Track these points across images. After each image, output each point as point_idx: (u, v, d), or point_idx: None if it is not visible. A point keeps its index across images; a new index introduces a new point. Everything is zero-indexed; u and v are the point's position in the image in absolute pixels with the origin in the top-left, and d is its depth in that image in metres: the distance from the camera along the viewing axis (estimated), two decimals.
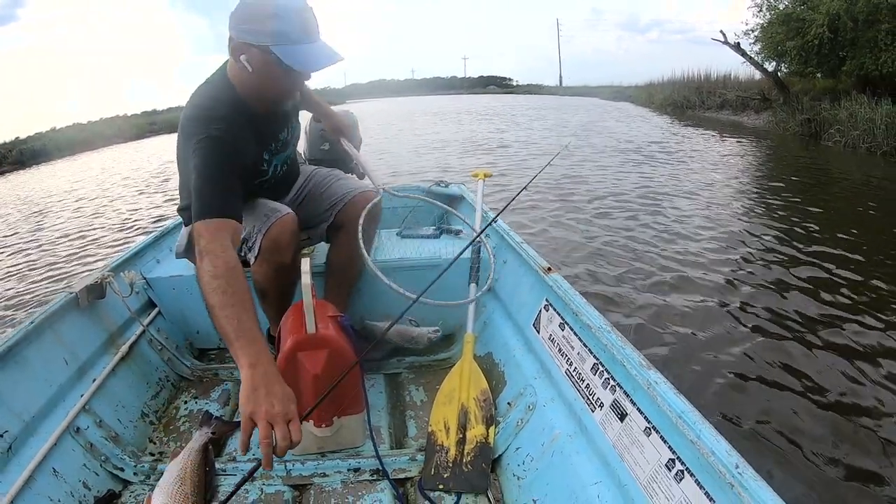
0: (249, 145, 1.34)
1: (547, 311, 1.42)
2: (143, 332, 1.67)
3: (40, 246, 5.76)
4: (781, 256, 3.72)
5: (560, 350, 1.30)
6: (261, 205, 1.42)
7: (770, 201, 5.39)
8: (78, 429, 1.27)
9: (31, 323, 1.33)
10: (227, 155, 1.22)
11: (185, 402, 1.61)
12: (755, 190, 6.20)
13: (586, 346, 1.20)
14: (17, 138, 19.07)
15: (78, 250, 5.33)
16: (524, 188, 1.90)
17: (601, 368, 1.13)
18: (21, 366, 1.26)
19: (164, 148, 15.09)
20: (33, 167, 15.90)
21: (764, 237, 4.17)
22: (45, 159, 16.65)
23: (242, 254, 1.40)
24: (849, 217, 4.83)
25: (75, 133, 20.58)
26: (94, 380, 1.41)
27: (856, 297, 3.00)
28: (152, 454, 1.40)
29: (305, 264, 1.18)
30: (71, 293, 1.49)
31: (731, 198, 5.63)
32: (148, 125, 23.48)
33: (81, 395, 1.34)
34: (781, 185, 6.25)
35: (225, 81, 1.30)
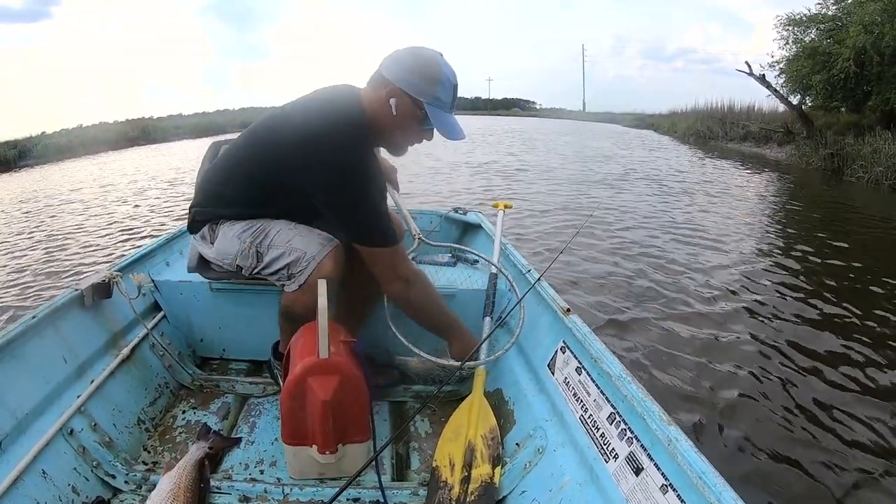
0: None
1: (563, 353, 1.40)
2: (147, 335, 1.66)
3: None
4: (801, 293, 3.71)
5: (575, 395, 1.28)
6: (310, 231, 1.41)
7: (792, 235, 5.46)
8: (72, 430, 1.26)
9: (34, 317, 1.32)
10: (378, 181, 1.37)
11: (184, 412, 1.60)
12: (777, 223, 6.24)
13: (603, 394, 1.18)
14: (43, 132, 19.25)
15: None
16: (561, 251, 1.97)
17: (618, 418, 1.11)
18: (19, 360, 1.25)
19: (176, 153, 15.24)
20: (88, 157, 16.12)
21: (784, 272, 4.17)
22: (72, 155, 16.85)
23: (278, 279, 1.40)
24: (871, 254, 4.84)
25: (99, 133, 20.72)
26: (93, 381, 1.40)
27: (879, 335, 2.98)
28: (146, 463, 1.37)
29: (322, 286, 1.17)
30: (76, 290, 1.48)
31: (753, 230, 5.66)
32: (173, 128, 23.49)
33: (78, 396, 1.33)
34: (803, 219, 6.30)
35: (360, 112, 1.36)
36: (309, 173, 1.30)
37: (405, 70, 1.33)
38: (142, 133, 21.46)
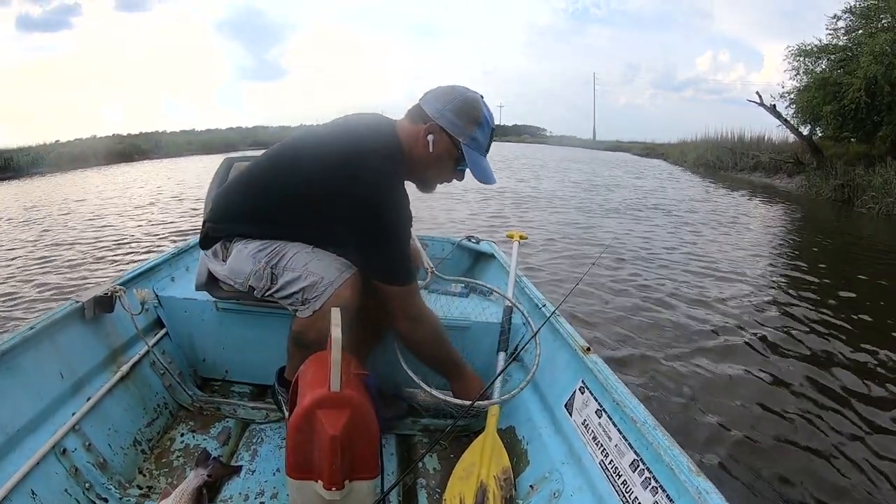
0: None
1: (582, 393, 1.35)
2: (147, 352, 1.62)
3: None
4: (813, 326, 3.67)
5: (595, 438, 1.23)
6: (328, 256, 1.37)
7: (802, 267, 5.44)
8: (64, 450, 1.21)
9: (31, 329, 1.28)
10: (408, 216, 1.35)
11: (182, 435, 1.55)
12: (787, 255, 6.24)
13: (626, 440, 1.13)
14: (57, 141, 19.55)
15: None
16: (576, 285, 1.93)
17: (642, 466, 1.06)
18: (13, 373, 1.21)
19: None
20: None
21: (794, 305, 4.14)
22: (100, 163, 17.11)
23: (291, 304, 1.36)
24: (882, 286, 4.83)
25: (112, 144, 20.96)
26: (89, 398, 1.36)
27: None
28: (140, 487, 1.32)
29: (336, 316, 1.12)
30: (77, 302, 1.45)
31: (764, 262, 5.66)
32: (185, 144, 23.77)
33: (73, 414, 1.29)
34: (814, 251, 6.32)
35: (397, 144, 1.35)
36: (339, 200, 1.28)
37: (446, 108, 1.33)
38: (154, 147, 21.84)
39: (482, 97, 1.38)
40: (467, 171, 1.39)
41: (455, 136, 1.33)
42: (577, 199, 10.20)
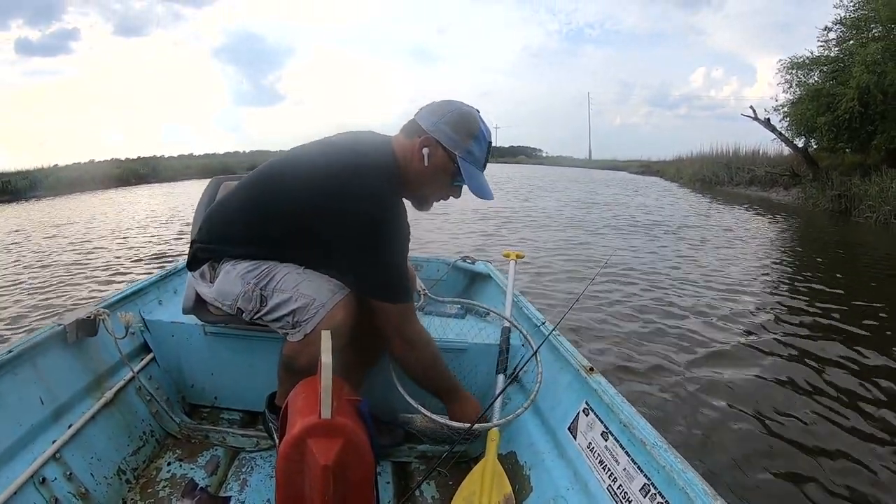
0: None
1: (587, 415, 1.30)
2: (133, 378, 1.56)
3: None
4: (815, 334, 3.67)
5: (601, 462, 1.18)
6: (320, 277, 1.33)
7: (801, 277, 5.43)
8: (44, 479, 1.16)
9: (9, 352, 1.24)
10: (405, 234, 1.34)
11: (169, 464, 1.49)
12: (786, 266, 6.23)
13: (635, 463, 1.08)
14: (55, 165, 19.82)
15: None
16: (575, 301, 2.00)
17: (653, 491, 1.01)
18: None
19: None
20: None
21: (795, 315, 4.14)
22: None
23: (282, 327, 1.32)
24: (884, 294, 4.81)
25: (109, 168, 21.18)
26: (71, 425, 1.31)
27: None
28: None
29: (326, 339, 1.08)
30: (59, 325, 1.40)
31: (762, 275, 5.64)
32: (183, 168, 24.04)
33: (53, 441, 1.24)
34: (812, 262, 6.32)
35: (392, 159, 1.33)
36: (332, 216, 1.24)
37: (441, 121, 1.31)
38: (152, 171, 22.15)
39: (478, 111, 1.36)
40: (464, 188, 1.36)
41: (451, 149, 1.30)
42: (575, 217, 10.21)
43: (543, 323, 1.72)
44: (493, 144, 1.45)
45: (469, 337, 1.75)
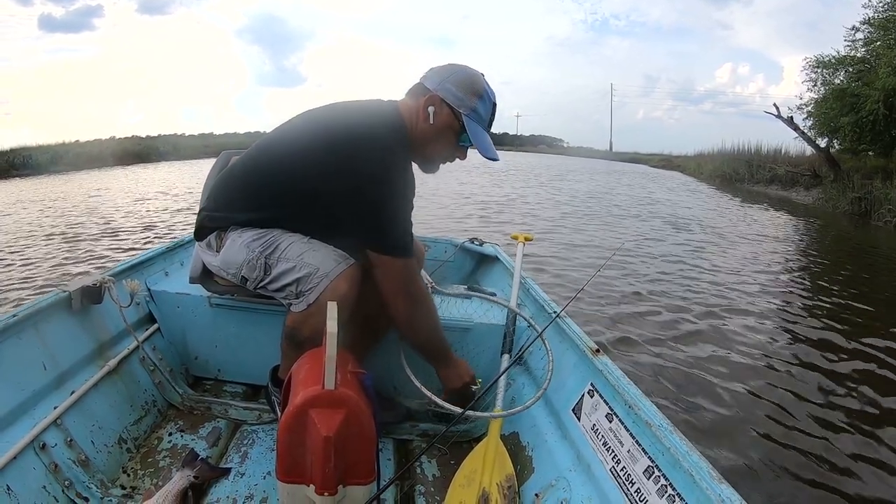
0: None
1: (591, 396, 1.30)
2: (137, 348, 1.58)
3: None
4: (833, 339, 3.67)
5: (605, 444, 1.18)
6: (325, 247, 1.33)
7: (819, 280, 5.45)
8: (44, 444, 1.17)
9: (13, 316, 1.25)
10: (411, 192, 1.34)
11: (170, 434, 1.50)
12: (803, 268, 6.23)
13: (639, 445, 1.08)
14: (76, 140, 20.21)
15: None
16: (586, 284, 1.95)
17: (657, 473, 1.01)
18: None
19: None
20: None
21: (810, 318, 4.15)
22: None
23: (285, 297, 1.33)
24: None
25: (130, 146, 21.45)
26: (73, 392, 1.32)
27: None
28: (123, 487, 1.28)
29: (333, 309, 1.08)
30: (64, 292, 1.41)
31: (779, 275, 5.66)
32: (203, 147, 24.24)
33: (55, 408, 1.25)
34: (831, 265, 6.31)
35: (399, 118, 1.35)
36: (339, 175, 1.25)
37: (446, 80, 1.34)
38: (172, 149, 22.44)
39: (483, 75, 1.38)
40: (470, 157, 1.39)
41: (456, 107, 1.33)
42: (592, 208, 10.25)
43: (551, 306, 1.72)
44: (514, 133, 1.47)
45: (475, 317, 1.75)
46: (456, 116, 1.33)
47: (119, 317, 1.52)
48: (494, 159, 1.36)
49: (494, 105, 1.39)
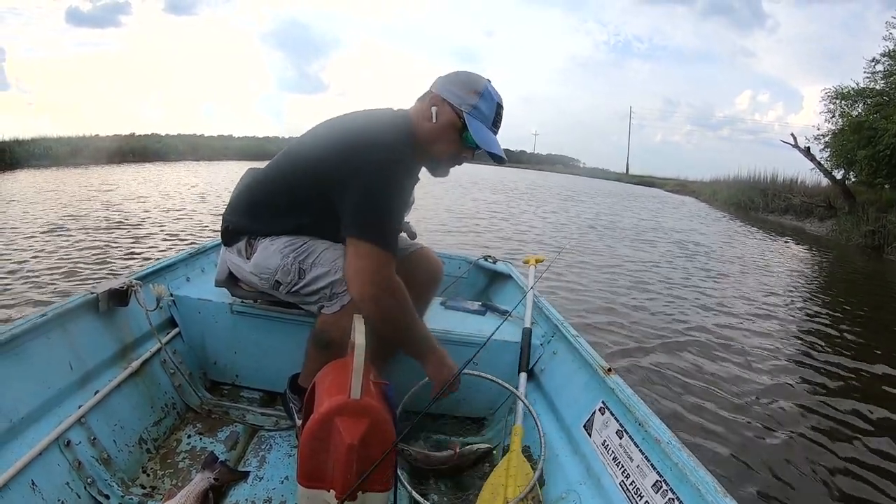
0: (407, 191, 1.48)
1: (602, 414, 1.36)
2: (159, 350, 1.63)
3: None
4: (843, 374, 3.71)
5: (615, 458, 1.23)
6: None
7: (830, 313, 5.44)
8: (68, 442, 1.21)
9: (42, 316, 1.29)
10: (406, 192, 1.41)
11: (189, 437, 1.56)
12: (815, 301, 6.23)
13: (648, 461, 1.14)
14: (96, 135, 20.22)
15: None
16: (558, 254, 1.95)
17: (665, 487, 1.06)
18: (21, 359, 1.21)
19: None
20: None
21: (821, 352, 4.17)
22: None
23: (318, 299, 1.39)
24: None
25: (149, 143, 21.63)
26: (97, 392, 1.36)
27: None
28: (143, 486, 1.33)
29: (360, 323, 1.14)
30: (92, 294, 1.47)
31: (791, 307, 5.68)
32: (222, 149, 24.70)
33: (79, 406, 1.29)
34: (842, 298, 6.33)
35: (407, 121, 1.43)
36: (346, 171, 1.32)
37: (450, 82, 1.43)
38: (191, 149, 22.51)
39: (489, 81, 1.45)
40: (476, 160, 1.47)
41: (456, 105, 1.39)
42: (609, 231, 10.37)
43: (564, 325, 1.77)
44: (532, 151, 1.53)
45: (488, 333, 1.79)
46: (457, 114, 1.39)
47: (143, 319, 1.57)
48: (500, 156, 1.42)
49: (500, 106, 1.43)
